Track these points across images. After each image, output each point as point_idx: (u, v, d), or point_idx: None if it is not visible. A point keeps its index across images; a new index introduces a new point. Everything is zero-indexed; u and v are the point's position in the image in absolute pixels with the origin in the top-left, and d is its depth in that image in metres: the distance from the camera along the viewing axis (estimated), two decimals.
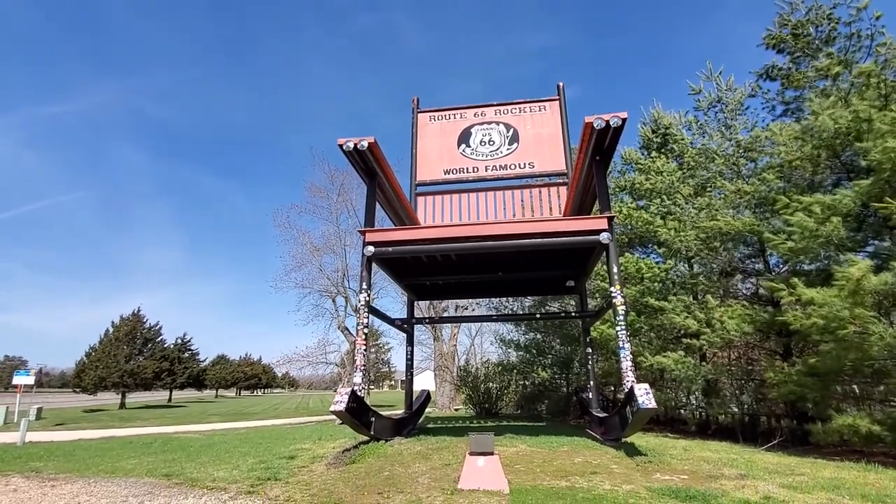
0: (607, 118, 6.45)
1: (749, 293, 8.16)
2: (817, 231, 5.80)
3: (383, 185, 8.16)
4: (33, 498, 4.57)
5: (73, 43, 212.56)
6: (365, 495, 4.33)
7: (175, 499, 4.42)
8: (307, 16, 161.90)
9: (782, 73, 8.17)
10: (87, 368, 27.81)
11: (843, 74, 6.93)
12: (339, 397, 6.00)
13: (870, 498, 4.00)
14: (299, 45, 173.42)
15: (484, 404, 13.95)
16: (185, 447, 8.24)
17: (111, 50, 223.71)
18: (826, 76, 7.21)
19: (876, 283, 5.52)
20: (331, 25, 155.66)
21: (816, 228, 5.80)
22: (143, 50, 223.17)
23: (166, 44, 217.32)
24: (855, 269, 5.45)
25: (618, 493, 4.23)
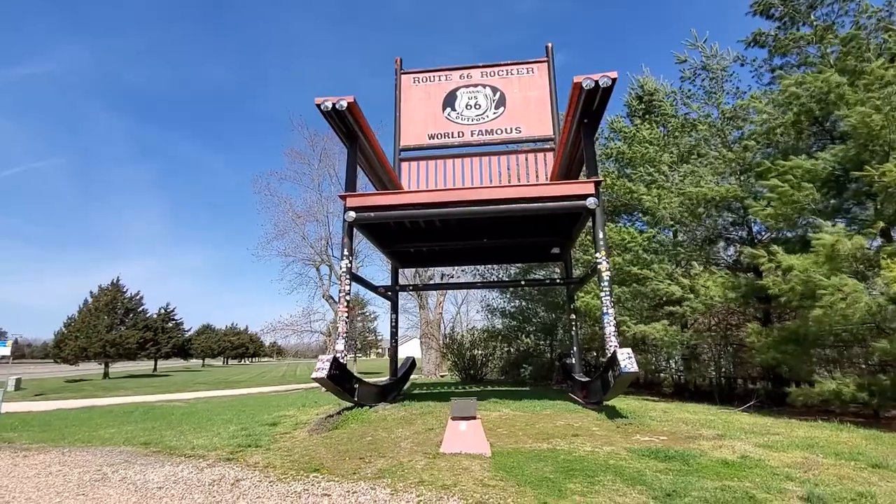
0: (596, 77, 6.22)
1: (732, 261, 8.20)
2: (793, 197, 5.76)
3: (364, 149, 7.86)
4: (3, 469, 4.44)
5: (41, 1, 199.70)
6: (346, 460, 4.30)
7: (151, 467, 4.33)
8: None
9: (770, 39, 7.96)
10: (66, 339, 27.39)
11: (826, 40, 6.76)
12: (320, 364, 5.92)
13: (843, 455, 4.09)
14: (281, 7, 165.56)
15: (469, 370, 14.12)
16: (167, 416, 8.15)
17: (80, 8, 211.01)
18: (811, 42, 7.04)
19: (850, 248, 5.53)
20: None
21: (793, 194, 5.76)
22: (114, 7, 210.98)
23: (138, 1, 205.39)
24: (828, 236, 5.45)
25: (598, 454, 4.27)
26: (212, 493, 3.48)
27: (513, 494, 3.23)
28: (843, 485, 3.31)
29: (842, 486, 3.28)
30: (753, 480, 3.42)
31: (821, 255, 5.60)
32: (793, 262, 5.91)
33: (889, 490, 3.22)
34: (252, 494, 3.42)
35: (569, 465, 3.89)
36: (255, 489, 3.54)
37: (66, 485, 3.84)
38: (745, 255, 6.65)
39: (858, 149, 5.86)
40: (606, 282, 6.28)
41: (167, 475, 4.02)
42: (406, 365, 10.95)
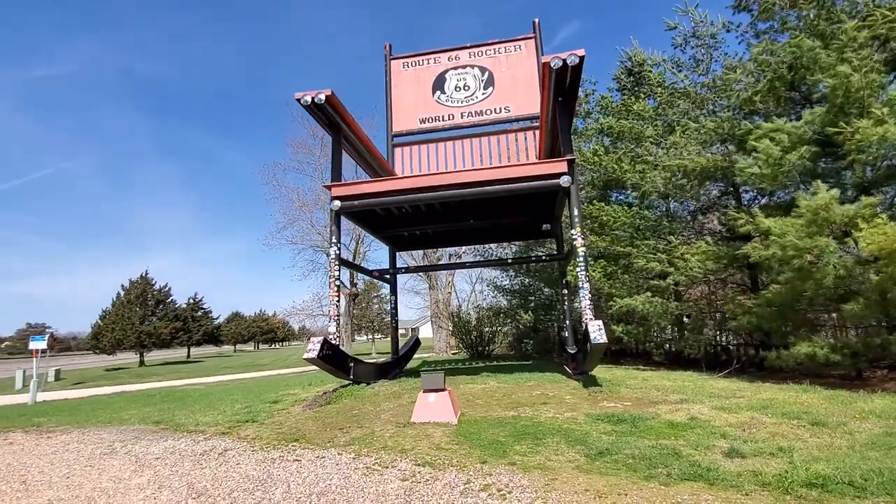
0: (564, 56, 6.28)
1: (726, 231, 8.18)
2: (781, 160, 5.75)
3: (350, 138, 8.12)
4: (26, 448, 5.03)
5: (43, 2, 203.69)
6: (327, 431, 4.71)
7: (156, 441, 4.84)
8: None
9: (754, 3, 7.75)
10: (102, 331, 29.05)
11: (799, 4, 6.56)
12: (311, 346, 6.33)
13: (789, 415, 4.28)
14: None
15: (476, 347, 14.51)
16: (184, 398, 8.81)
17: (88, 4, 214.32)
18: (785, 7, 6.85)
19: (840, 212, 5.55)
20: None
21: (781, 157, 5.75)
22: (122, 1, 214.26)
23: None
24: (820, 197, 5.47)
25: (557, 419, 4.56)
26: (199, 462, 3.93)
27: (460, 455, 3.57)
28: (771, 441, 3.53)
29: (768, 442, 3.50)
30: (688, 439, 3.67)
31: (804, 218, 5.64)
32: (770, 225, 5.97)
33: (812, 445, 3.42)
34: (234, 462, 3.86)
35: (524, 429, 4.20)
36: (237, 457, 3.98)
37: (77, 458, 4.37)
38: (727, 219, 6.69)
39: (835, 112, 5.81)
40: (582, 257, 6.45)
41: (167, 448, 4.51)
42: (409, 343, 11.39)
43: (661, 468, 3.03)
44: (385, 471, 3.33)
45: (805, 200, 5.39)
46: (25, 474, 4.01)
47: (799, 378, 6.74)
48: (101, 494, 3.30)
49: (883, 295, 5.19)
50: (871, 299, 5.34)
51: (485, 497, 2.75)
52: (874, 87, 5.40)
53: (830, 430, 3.80)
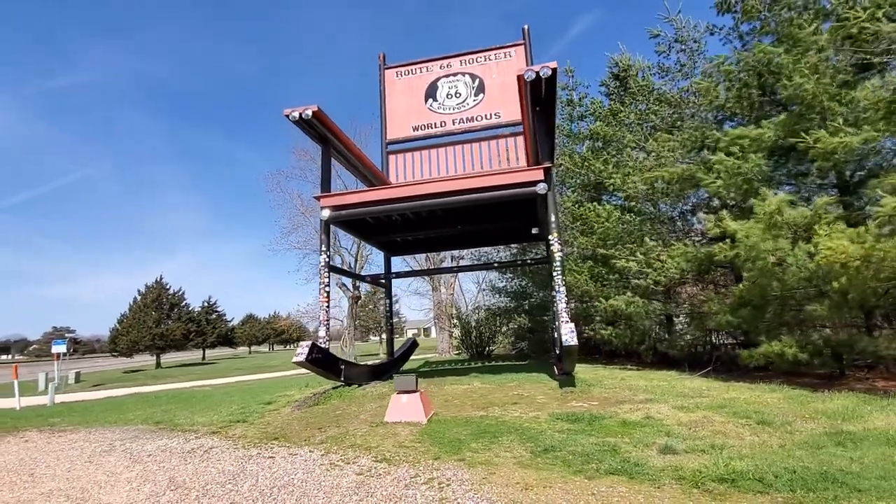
0: (537, 69, 6.55)
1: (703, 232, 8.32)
2: (739, 168, 5.90)
3: (339, 149, 8.47)
4: (38, 445, 5.47)
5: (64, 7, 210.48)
6: (307, 430, 5.04)
7: (152, 440, 5.23)
8: None
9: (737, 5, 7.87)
10: (120, 334, 30.10)
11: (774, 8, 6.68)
12: (300, 349, 6.67)
13: (740, 414, 4.47)
14: None
15: (476, 347, 14.78)
16: (188, 399, 9.26)
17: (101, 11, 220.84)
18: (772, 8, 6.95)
19: (795, 215, 5.71)
20: None
21: (738, 166, 5.91)
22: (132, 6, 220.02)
23: None
24: (769, 203, 5.64)
25: (521, 418, 4.82)
26: (185, 458, 4.29)
27: (418, 452, 3.86)
28: (710, 439, 3.74)
29: (706, 440, 3.72)
30: (633, 437, 3.90)
31: (762, 221, 5.83)
32: (736, 228, 6.15)
33: (746, 443, 3.63)
34: (215, 458, 4.21)
35: (486, 428, 4.47)
36: (220, 454, 4.33)
37: (80, 455, 4.77)
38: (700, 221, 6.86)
39: (796, 118, 5.96)
40: (558, 262, 6.68)
41: (160, 446, 4.89)
42: (406, 346, 11.72)
43: (593, 463, 3.28)
44: (346, 466, 3.64)
45: (759, 205, 5.55)
46: (34, 468, 4.42)
47: (778, 377, 6.88)
48: (94, 486, 3.67)
49: (844, 297, 5.33)
50: (833, 301, 5.48)
51: (424, 489, 3.04)
52: (831, 93, 5.53)
53: (773, 429, 4.00)
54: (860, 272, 4.91)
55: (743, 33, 8.32)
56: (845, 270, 4.97)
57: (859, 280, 4.98)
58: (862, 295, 5.22)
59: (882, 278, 4.98)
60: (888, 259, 4.69)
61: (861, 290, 5.04)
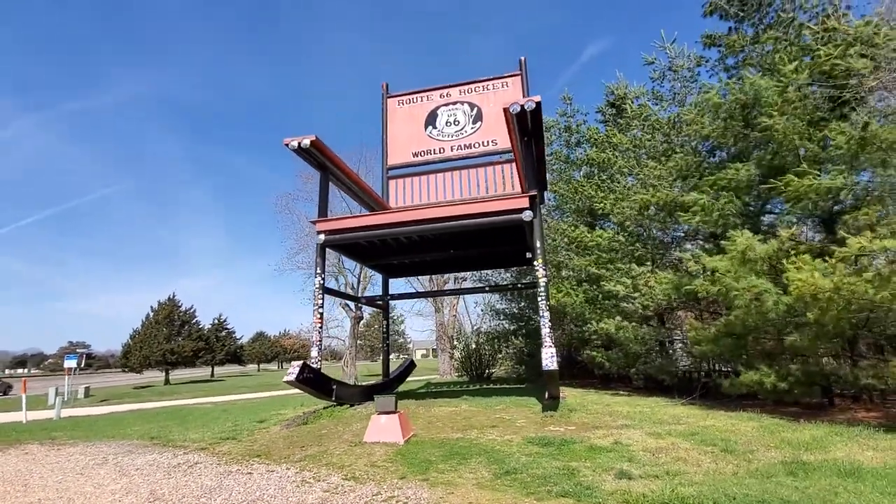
0: (522, 103, 6.86)
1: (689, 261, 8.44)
2: (712, 206, 6.07)
3: (338, 175, 8.83)
4: (37, 458, 5.73)
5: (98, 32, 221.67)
6: (289, 449, 5.23)
7: (143, 455, 5.45)
8: None
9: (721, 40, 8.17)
10: (132, 350, 30.66)
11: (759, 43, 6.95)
12: (291, 369, 6.88)
13: (707, 442, 4.56)
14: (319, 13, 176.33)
15: (475, 370, 14.83)
16: (186, 416, 9.50)
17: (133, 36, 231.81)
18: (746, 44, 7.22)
19: (762, 251, 5.84)
20: None
21: (712, 204, 6.07)
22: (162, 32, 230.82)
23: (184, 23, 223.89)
24: (739, 242, 5.79)
25: (495, 441, 4.95)
26: (170, 473, 4.50)
27: (386, 472, 4.02)
28: (668, 466, 3.85)
29: (665, 466, 3.83)
30: (595, 461, 4.02)
31: (735, 259, 5.97)
32: (714, 265, 6.28)
33: (702, 470, 3.73)
34: (197, 473, 4.41)
35: (458, 450, 4.61)
36: (202, 469, 4.53)
37: (73, 468, 5.01)
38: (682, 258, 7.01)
39: (772, 154, 6.14)
40: (543, 287, 6.86)
41: (149, 461, 5.11)
42: (403, 366, 11.86)
43: (548, 486, 3.42)
44: (315, 483, 3.82)
45: (731, 245, 5.70)
46: (29, 479, 4.66)
47: (765, 406, 6.90)
48: (80, 496, 3.90)
49: (821, 328, 5.41)
50: (811, 332, 5.56)
51: None
52: (801, 132, 5.71)
53: (734, 457, 4.08)
54: (832, 304, 5.02)
55: (728, 66, 8.59)
56: (816, 302, 5.08)
57: (831, 312, 5.07)
58: (836, 326, 5.30)
59: (853, 310, 5.08)
60: (857, 292, 4.80)
61: (834, 321, 5.13)
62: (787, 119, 5.82)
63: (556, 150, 14.50)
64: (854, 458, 3.84)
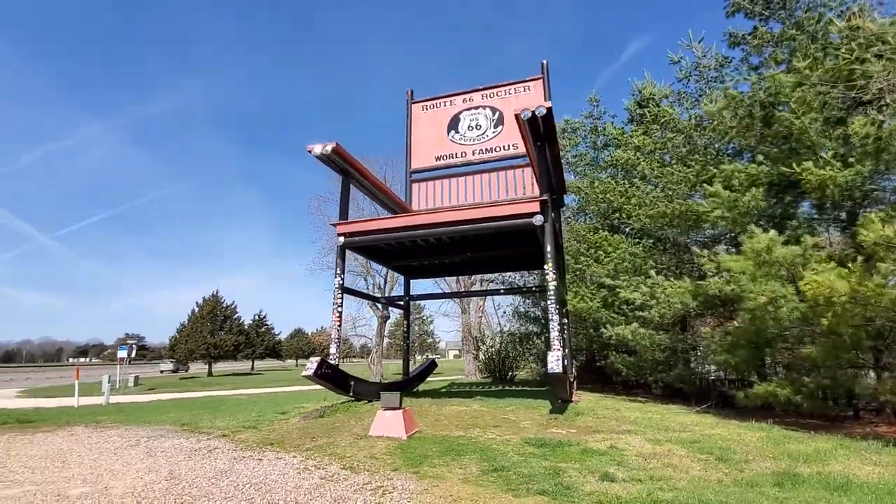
0: (533, 109, 6.96)
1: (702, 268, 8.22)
2: (736, 201, 5.92)
3: (359, 180, 9.18)
4: (80, 439, 6.32)
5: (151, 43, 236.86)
6: (300, 439, 5.55)
7: (171, 439, 5.93)
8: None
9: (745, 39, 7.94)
10: (178, 343, 32.58)
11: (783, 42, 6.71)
12: (309, 365, 7.24)
13: (705, 450, 4.53)
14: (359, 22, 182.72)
15: (497, 372, 14.91)
16: (218, 405, 10.10)
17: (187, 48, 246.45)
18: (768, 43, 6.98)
19: (782, 254, 5.69)
20: None
21: (736, 198, 5.93)
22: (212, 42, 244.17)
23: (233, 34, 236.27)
24: (758, 240, 5.65)
25: (494, 440, 5.09)
26: (191, 455, 4.91)
27: (382, 463, 4.25)
28: (657, 471, 3.88)
29: (653, 472, 3.87)
30: (584, 464, 4.10)
31: (751, 260, 5.86)
32: (731, 265, 6.18)
33: (689, 477, 3.75)
34: (214, 457, 4.79)
35: (456, 447, 4.79)
36: (220, 454, 4.92)
37: (109, 448, 5.53)
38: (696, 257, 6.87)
39: (788, 152, 5.97)
40: (552, 291, 6.92)
41: (175, 444, 5.56)
42: (423, 366, 12.12)
43: (530, 484, 3.54)
44: (315, 471, 4.09)
45: (749, 242, 5.58)
46: (69, 456, 5.19)
47: (783, 417, 6.69)
48: (109, 473, 4.34)
49: (838, 337, 5.24)
50: (827, 343, 5.39)
51: (368, 494, 3.43)
52: (818, 129, 5.52)
53: (726, 466, 4.06)
54: (847, 309, 4.87)
55: (752, 66, 8.35)
56: (831, 307, 4.94)
57: (847, 319, 4.92)
58: (854, 336, 5.13)
59: (870, 318, 4.90)
60: (873, 297, 4.64)
61: (850, 329, 4.97)
62: (803, 114, 5.65)
63: (582, 151, 14.38)
64: (850, 472, 3.75)
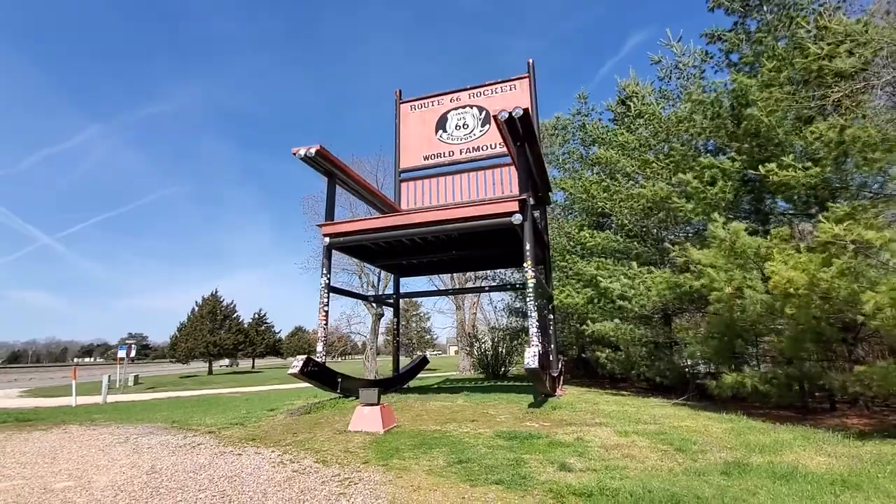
0: (509, 110, 7.09)
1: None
2: (703, 192, 6.07)
3: (345, 181, 9.33)
4: (73, 436, 6.52)
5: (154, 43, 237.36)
6: (283, 434, 5.74)
7: (159, 436, 6.12)
8: None
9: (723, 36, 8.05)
10: (178, 341, 32.92)
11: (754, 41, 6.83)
12: (295, 362, 7.43)
13: (666, 441, 4.70)
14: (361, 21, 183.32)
15: (490, 368, 15.09)
16: (211, 403, 10.31)
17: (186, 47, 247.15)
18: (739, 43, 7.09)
19: (750, 242, 5.84)
20: None
21: (703, 189, 6.07)
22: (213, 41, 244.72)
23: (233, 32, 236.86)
24: (732, 229, 5.80)
25: (466, 434, 5.27)
26: (175, 451, 5.10)
27: (355, 457, 4.43)
28: (615, 461, 4.05)
29: (611, 461, 4.03)
30: (547, 455, 4.27)
31: (721, 250, 6.01)
32: (699, 256, 6.33)
33: (644, 466, 3.92)
34: (197, 453, 4.98)
35: (428, 441, 4.96)
36: (202, 450, 5.10)
37: (98, 445, 5.72)
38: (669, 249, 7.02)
39: (757, 149, 6.11)
40: (531, 289, 7.08)
41: (161, 441, 5.75)
42: (414, 362, 12.30)
43: (489, 475, 3.71)
44: (289, 464, 4.27)
45: (713, 231, 5.72)
46: (59, 453, 5.39)
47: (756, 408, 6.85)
48: (94, 468, 4.53)
49: (798, 329, 5.39)
50: (790, 332, 5.54)
51: (334, 485, 3.61)
52: (785, 127, 5.65)
53: (683, 455, 4.23)
54: (806, 301, 5.01)
55: (731, 62, 8.47)
56: (792, 299, 5.09)
57: (807, 309, 5.07)
58: (816, 326, 5.28)
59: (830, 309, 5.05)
60: (830, 289, 4.79)
61: (809, 319, 5.12)
62: (769, 114, 5.78)
63: (572, 148, 14.51)
64: (801, 462, 3.91)
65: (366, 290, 21.54)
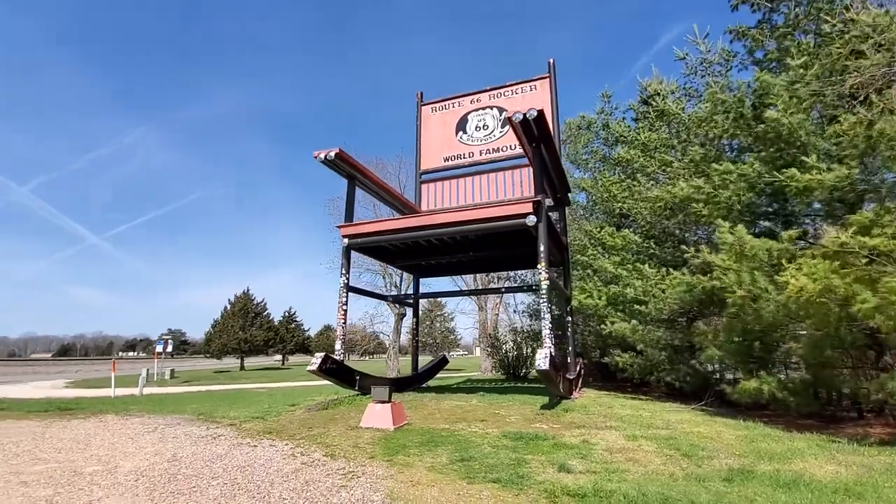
0: (524, 111, 7.13)
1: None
2: (716, 196, 5.92)
3: (365, 183, 9.55)
4: (107, 425, 6.95)
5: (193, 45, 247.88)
6: (299, 428, 5.96)
7: (184, 427, 6.46)
8: None
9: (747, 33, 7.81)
10: (212, 338, 34.25)
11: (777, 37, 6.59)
12: (314, 360, 7.68)
13: (674, 446, 4.65)
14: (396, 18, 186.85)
15: (510, 369, 15.09)
16: (237, 398, 10.73)
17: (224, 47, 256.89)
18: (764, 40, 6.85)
19: (757, 247, 5.68)
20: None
21: (716, 194, 5.93)
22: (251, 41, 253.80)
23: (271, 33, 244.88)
24: (728, 236, 5.66)
25: (474, 433, 5.34)
26: (197, 441, 5.38)
27: (362, 452, 4.58)
28: (617, 464, 4.05)
29: (613, 465, 4.04)
30: (549, 456, 4.31)
31: (732, 254, 5.89)
32: (713, 259, 6.22)
33: (645, 471, 3.90)
34: (216, 444, 5.24)
35: (435, 439, 5.06)
36: (222, 441, 5.37)
37: (128, 433, 6.09)
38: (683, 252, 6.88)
39: (777, 152, 5.93)
40: (544, 290, 7.10)
41: (186, 431, 6.07)
42: (434, 362, 12.43)
43: (488, 473, 3.78)
44: (299, 457, 4.46)
45: (721, 236, 5.59)
46: (92, 440, 5.77)
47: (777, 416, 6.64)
48: (121, 454, 4.84)
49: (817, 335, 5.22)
50: (809, 339, 5.37)
51: (338, 478, 3.76)
52: (806, 128, 5.46)
53: (689, 461, 4.18)
54: (825, 307, 4.87)
55: (757, 59, 8.23)
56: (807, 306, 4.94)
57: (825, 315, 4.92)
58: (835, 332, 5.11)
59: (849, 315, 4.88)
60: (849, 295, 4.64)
61: (826, 325, 4.97)
62: (792, 115, 5.61)
63: (595, 148, 14.33)
64: (808, 470, 3.81)
65: (388, 290, 21.87)
